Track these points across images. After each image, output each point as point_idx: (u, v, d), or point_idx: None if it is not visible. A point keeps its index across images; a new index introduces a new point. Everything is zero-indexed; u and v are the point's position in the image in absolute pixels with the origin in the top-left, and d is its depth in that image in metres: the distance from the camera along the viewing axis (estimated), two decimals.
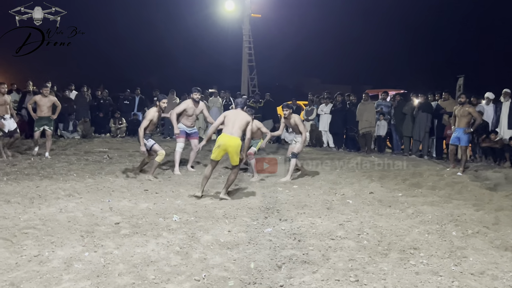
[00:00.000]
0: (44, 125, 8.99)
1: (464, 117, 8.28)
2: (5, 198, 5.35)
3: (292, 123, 7.59)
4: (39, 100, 8.97)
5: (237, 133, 5.84)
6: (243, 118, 5.98)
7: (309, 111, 13.04)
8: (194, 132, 8.29)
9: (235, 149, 5.82)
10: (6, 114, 8.75)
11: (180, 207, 5.35)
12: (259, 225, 4.66)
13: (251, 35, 19.10)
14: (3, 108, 8.71)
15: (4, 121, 8.70)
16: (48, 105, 8.99)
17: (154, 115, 7.23)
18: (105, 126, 14.26)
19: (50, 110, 9.06)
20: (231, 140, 5.79)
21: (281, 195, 6.24)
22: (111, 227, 4.40)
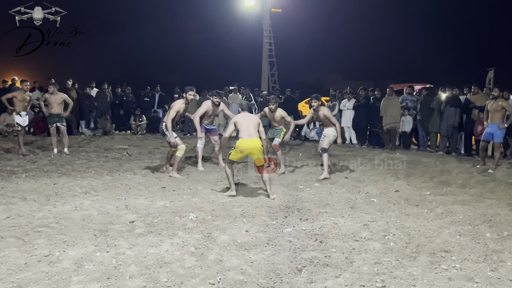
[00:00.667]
0: (56, 122, 8.97)
1: (498, 112, 7.83)
2: (22, 196, 5.30)
3: (321, 115, 7.35)
4: (49, 98, 8.96)
5: (255, 134, 5.78)
6: (254, 119, 5.95)
7: (330, 106, 12.69)
8: (213, 128, 8.26)
9: (259, 150, 5.72)
10: (23, 111, 8.89)
11: (198, 205, 5.18)
12: (279, 224, 4.44)
13: (271, 31, 18.88)
14: (21, 105, 8.85)
15: (20, 117, 8.86)
16: (58, 102, 8.95)
17: (181, 106, 7.14)
18: (125, 123, 14.29)
19: (61, 107, 9.02)
20: (253, 143, 5.69)
21: (302, 193, 6.00)
22: (126, 225, 4.27)
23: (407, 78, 20.00)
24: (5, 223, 4.16)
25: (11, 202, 4.96)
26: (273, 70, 18.92)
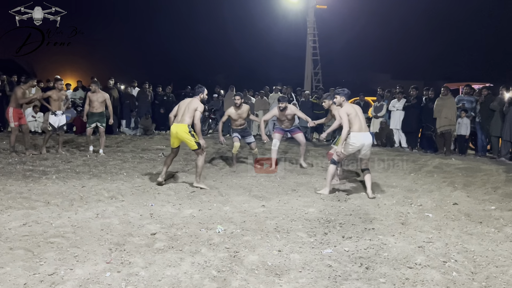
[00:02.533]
0: (96, 121, 8.82)
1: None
2: (46, 199, 5.05)
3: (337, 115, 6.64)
4: (91, 96, 8.81)
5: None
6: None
7: (378, 107, 11.85)
8: (293, 129, 7.98)
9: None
10: (58, 110, 8.80)
11: (227, 215, 4.69)
12: (317, 243, 3.86)
13: (316, 28, 18.13)
14: (56, 104, 8.76)
15: (56, 117, 8.76)
16: (100, 101, 8.78)
17: (231, 111, 7.71)
18: (166, 123, 14.13)
19: (103, 106, 8.85)
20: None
21: (345, 204, 5.36)
22: (146, 238, 3.85)
23: (463, 77, 18.61)
24: (20, 231, 3.88)
25: (32, 207, 4.71)
26: (317, 69, 18.18)
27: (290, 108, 7.77)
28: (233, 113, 7.74)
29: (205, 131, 13.77)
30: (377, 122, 11.60)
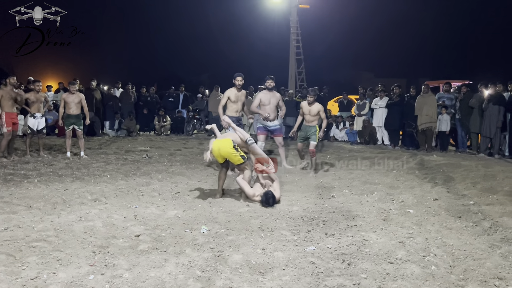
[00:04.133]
0: (73, 124, 8.60)
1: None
2: (28, 203, 5.00)
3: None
4: (66, 97, 8.57)
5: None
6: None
7: (360, 105, 12.02)
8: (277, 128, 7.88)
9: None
10: (37, 112, 8.64)
11: (212, 215, 4.71)
12: (301, 241, 3.91)
13: (299, 27, 18.26)
14: (35, 106, 8.59)
15: (34, 119, 8.61)
16: (76, 102, 8.59)
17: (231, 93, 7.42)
18: (149, 124, 14.08)
19: (79, 107, 8.66)
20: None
21: (328, 202, 5.43)
22: (130, 240, 3.85)
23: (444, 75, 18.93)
24: (1, 236, 3.83)
25: (14, 211, 4.65)
26: (300, 68, 18.30)
27: (276, 95, 7.73)
28: (233, 94, 7.30)
29: (190, 131, 13.75)
30: (360, 120, 11.76)
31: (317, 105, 7.51)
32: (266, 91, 7.70)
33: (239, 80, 7.26)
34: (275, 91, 7.79)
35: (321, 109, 7.50)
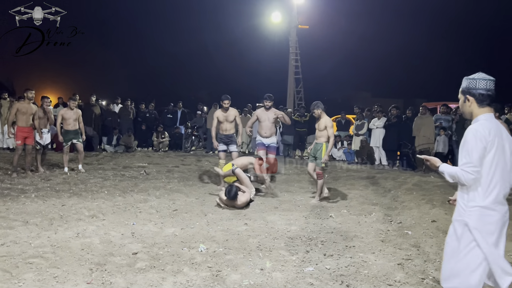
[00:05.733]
0: (72, 139, 8.65)
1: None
2: (24, 219, 4.97)
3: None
4: (64, 113, 8.62)
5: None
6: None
7: (359, 125, 12.08)
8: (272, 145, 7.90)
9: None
10: (45, 128, 8.65)
11: (210, 233, 4.69)
12: (299, 261, 3.89)
13: (298, 47, 18.51)
14: (43, 122, 8.58)
15: (43, 134, 8.60)
16: (74, 118, 8.65)
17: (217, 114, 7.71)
18: (147, 140, 14.09)
19: (77, 123, 8.71)
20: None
21: (327, 222, 5.42)
22: (127, 258, 3.82)
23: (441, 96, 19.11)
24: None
25: (10, 226, 4.62)
26: (299, 87, 18.48)
27: (273, 110, 7.84)
28: (220, 115, 7.72)
29: (188, 148, 13.77)
30: (358, 140, 11.82)
31: (325, 120, 6.65)
32: (264, 109, 7.87)
33: (226, 103, 7.66)
34: (273, 108, 7.93)
35: (328, 124, 6.60)
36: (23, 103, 8.16)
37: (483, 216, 2.31)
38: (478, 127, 2.35)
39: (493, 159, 2.31)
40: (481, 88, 2.43)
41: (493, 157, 2.31)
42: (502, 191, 2.34)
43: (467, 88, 2.48)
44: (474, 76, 2.48)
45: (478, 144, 2.30)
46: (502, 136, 2.37)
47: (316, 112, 6.74)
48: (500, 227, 2.33)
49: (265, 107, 7.83)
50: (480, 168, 2.30)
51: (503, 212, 2.34)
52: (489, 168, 2.32)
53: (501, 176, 2.33)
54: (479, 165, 2.30)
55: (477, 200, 2.33)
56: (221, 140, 7.83)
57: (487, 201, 2.32)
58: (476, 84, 2.45)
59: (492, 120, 2.40)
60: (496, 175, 2.32)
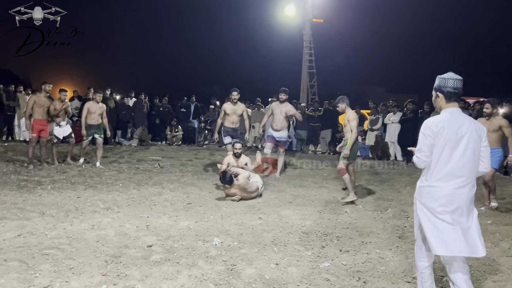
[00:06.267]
0: (94, 133, 8.63)
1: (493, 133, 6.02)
2: (41, 210, 5.01)
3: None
4: (90, 107, 8.57)
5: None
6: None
7: (373, 120, 11.94)
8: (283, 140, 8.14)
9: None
10: (63, 121, 8.64)
11: (224, 227, 4.67)
12: (315, 256, 3.84)
13: (312, 41, 18.31)
14: (61, 115, 8.56)
15: (60, 128, 8.61)
16: (98, 113, 8.60)
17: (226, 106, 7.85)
18: (161, 134, 14.14)
19: (100, 118, 8.64)
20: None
21: (342, 217, 5.35)
22: (142, 250, 3.82)
23: None
24: (14, 243, 3.83)
25: (27, 217, 4.66)
26: (312, 82, 18.30)
27: (287, 106, 7.96)
28: (228, 108, 7.85)
29: (201, 142, 13.78)
30: (372, 135, 11.68)
31: (348, 114, 6.30)
32: (278, 103, 8.03)
33: (235, 95, 7.79)
34: (287, 103, 8.05)
35: (350, 117, 6.21)
36: (40, 96, 8.20)
37: (429, 194, 2.69)
38: (428, 121, 2.74)
39: (442, 146, 2.64)
40: (449, 86, 2.76)
41: (442, 145, 2.64)
42: (454, 174, 2.64)
43: (438, 86, 2.81)
44: (444, 76, 2.80)
45: (425, 133, 2.69)
46: (460, 126, 2.65)
47: (340, 107, 6.46)
48: (446, 203, 2.63)
49: (279, 100, 7.98)
50: (430, 153, 2.67)
51: (449, 191, 2.63)
52: (437, 154, 2.66)
53: (449, 161, 2.64)
54: (428, 150, 2.67)
55: (424, 181, 2.75)
56: (228, 133, 7.94)
57: (431, 180, 2.69)
58: (445, 82, 2.77)
59: (453, 113, 2.72)
60: (442, 160, 2.65)
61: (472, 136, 2.66)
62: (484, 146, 2.73)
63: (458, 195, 2.64)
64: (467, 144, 2.65)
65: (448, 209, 2.63)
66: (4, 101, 12.16)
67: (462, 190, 2.64)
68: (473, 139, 2.66)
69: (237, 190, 6.04)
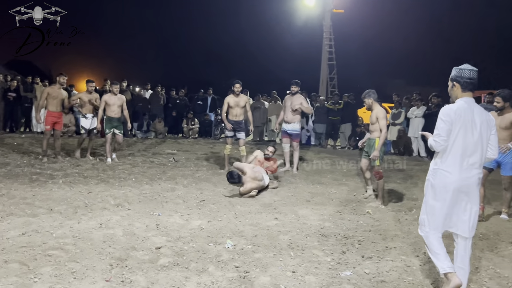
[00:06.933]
0: (114, 127, 8.13)
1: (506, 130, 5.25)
2: (49, 206, 4.85)
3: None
4: (108, 99, 8.11)
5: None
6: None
7: (396, 114, 11.49)
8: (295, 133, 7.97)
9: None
10: (89, 113, 8.37)
11: (238, 228, 4.41)
12: (335, 263, 3.55)
13: (332, 32, 17.83)
14: (87, 107, 8.33)
15: (86, 120, 8.35)
16: (118, 104, 8.14)
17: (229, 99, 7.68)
18: (178, 127, 13.97)
19: (120, 110, 8.23)
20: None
21: (363, 218, 5.03)
22: (150, 253, 3.60)
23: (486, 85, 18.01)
24: (17, 242, 3.66)
25: (34, 214, 4.50)
26: (332, 74, 17.86)
27: (298, 98, 7.87)
28: (231, 100, 7.73)
29: (218, 135, 13.57)
30: (394, 129, 11.23)
31: (376, 111, 5.74)
32: (290, 95, 7.99)
33: (238, 87, 7.67)
34: (299, 94, 8.01)
35: (379, 115, 5.64)
36: (54, 87, 8.04)
37: (442, 176, 2.91)
38: (446, 107, 2.91)
39: (457, 132, 2.85)
40: (466, 77, 2.93)
41: (457, 131, 2.85)
42: (465, 160, 2.86)
43: (455, 76, 2.98)
44: (461, 67, 2.98)
45: (444, 119, 2.87)
46: (474, 115, 2.87)
47: (367, 102, 5.87)
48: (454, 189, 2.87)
49: (291, 93, 7.93)
50: (447, 138, 2.86)
51: (458, 177, 2.86)
52: (452, 139, 2.86)
53: (462, 147, 2.85)
54: (445, 135, 2.86)
55: (438, 164, 2.96)
56: (230, 124, 7.82)
57: (445, 164, 2.90)
58: (462, 73, 2.95)
59: (468, 102, 2.92)
60: (456, 146, 2.86)
61: (483, 125, 2.89)
62: (493, 135, 2.95)
63: (469, 178, 2.87)
64: (480, 132, 2.87)
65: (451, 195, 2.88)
66: (21, 92, 12.16)
67: (472, 173, 2.88)
68: (484, 127, 2.89)
69: (250, 183, 5.83)
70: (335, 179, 7.49)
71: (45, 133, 7.97)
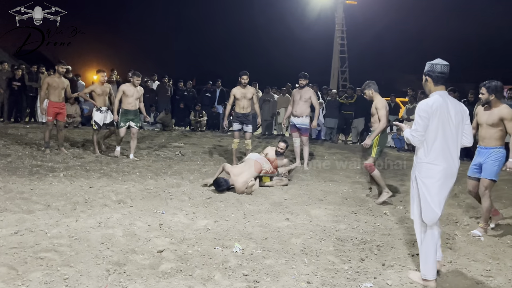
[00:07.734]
0: (130, 121, 7.61)
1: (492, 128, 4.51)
2: (47, 201, 4.58)
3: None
4: (127, 89, 7.48)
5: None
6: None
7: (410, 109, 11.07)
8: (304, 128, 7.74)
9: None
10: (103, 106, 7.87)
11: (246, 229, 4.11)
12: (353, 272, 3.23)
13: (344, 24, 17.39)
14: (101, 99, 7.83)
15: (100, 114, 7.84)
16: (135, 97, 7.57)
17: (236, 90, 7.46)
18: (185, 119, 13.68)
19: (137, 102, 7.68)
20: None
21: (381, 220, 4.70)
22: (151, 257, 3.30)
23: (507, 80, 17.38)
24: (8, 242, 3.38)
25: (30, 210, 4.23)
26: (344, 67, 17.43)
27: (308, 91, 7.65)
28: (238, 92, 7.46)
29: (226, 128, 13.26)
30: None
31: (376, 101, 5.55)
32: (298, 89, 7.77)
33: (245, 79, 7.37)
34: (308, 88, 7.80)
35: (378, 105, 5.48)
36: (54, 77, 7.69)
37: (427, 170, 3.01)
38: (422, 103, 3.03)
39: (436, 126, 2.97)
40: (437, 71, 3.07)
41: (436, 125, 2.97)
42: (446, 150, 2.99)
43: (427, 70, 3.13)
44: (433, 62, 3.12)
45: (421, 115, 2.99)
46: (448, 108, 3.00)
47: (367, 93, 5.66)
48: (441, 177, 2.99)
49: (299, 86, 7.70)
50: (424, 133, 2.99)
51: (444, 166, 2.98)
52: (433, 133, 2.97)
53: (443, 139, 2.98)
54: (423, 130, 2.99)
55: (422, 158, 3.05)
56: (238, 119, 7.53)
57: (429, 157, 3.01)
58: (433, 67, 3.09)
59: (442, 95, 3.05)
60: (438, 139, 2.98)
61: (458, 116, 3.02)
62: (467, 124, 3.10)
63: (451, 169, 3.01)
64: (456, 123, 3.00)
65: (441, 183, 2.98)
66: (26, 82, 11.92)
67: (454, 164, 3.02)
68: (459, 118, 3.03)
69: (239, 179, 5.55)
70: (348, 176, 7.15)
71: (48, 124, 7.67)
